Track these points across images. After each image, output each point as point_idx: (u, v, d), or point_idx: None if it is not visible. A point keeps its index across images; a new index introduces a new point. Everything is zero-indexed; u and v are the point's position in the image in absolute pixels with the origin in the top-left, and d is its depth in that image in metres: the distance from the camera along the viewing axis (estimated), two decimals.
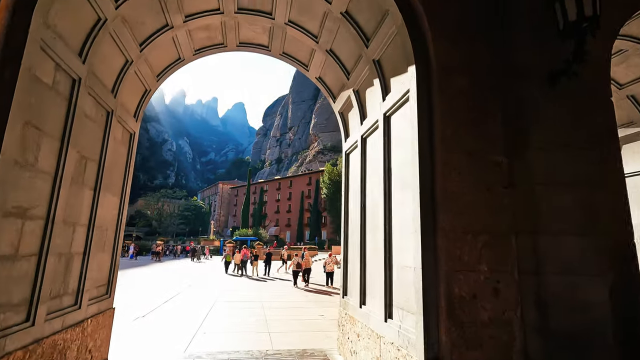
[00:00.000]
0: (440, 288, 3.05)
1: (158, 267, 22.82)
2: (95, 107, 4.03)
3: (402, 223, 3.69)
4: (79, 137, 3.64)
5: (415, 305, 3.16)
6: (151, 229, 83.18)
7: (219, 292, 11.97)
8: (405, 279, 3.47)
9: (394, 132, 4.10)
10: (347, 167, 6.08)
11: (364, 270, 4.79)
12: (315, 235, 66.10)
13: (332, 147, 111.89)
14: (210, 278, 17.09)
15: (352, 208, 5.62)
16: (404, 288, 3.49)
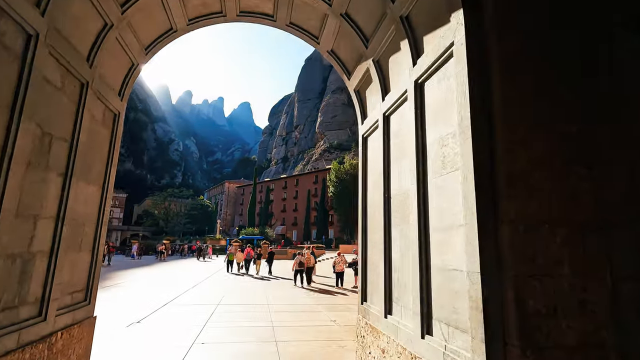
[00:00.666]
0: (506, 299, 2.26)
1: (161, 268, 22.26)
2: (62, 73, 3.30)
3: (443, 214, 2.90)
4: (39, 107, 2.92)
5: (469, 321, 2.38)
6: (158, 229, 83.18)
7: (222, 293, 11.29)
8: (451, 285, 2.69)
9: (430, 101, 3.30)
10: (365, 152, 5.31)
11: (389, 272, 4.01)
12: (322, 234, 65.40)
13: (338, 145, 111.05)
14: (213, 278, 16.44)
15: (373, 200, 4.84)
16: (449, 297, 2.71)
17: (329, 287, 14.22)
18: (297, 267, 14.52)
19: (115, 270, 17.97)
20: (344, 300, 10.62)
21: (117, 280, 13.82)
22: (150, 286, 12.55)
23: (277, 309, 8.74)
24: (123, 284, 12.97)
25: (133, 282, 13.85)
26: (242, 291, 12.09)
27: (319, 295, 11.51)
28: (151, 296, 10.26)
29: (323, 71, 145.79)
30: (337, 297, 11.22)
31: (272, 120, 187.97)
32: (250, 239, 47.82)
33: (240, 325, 6.91)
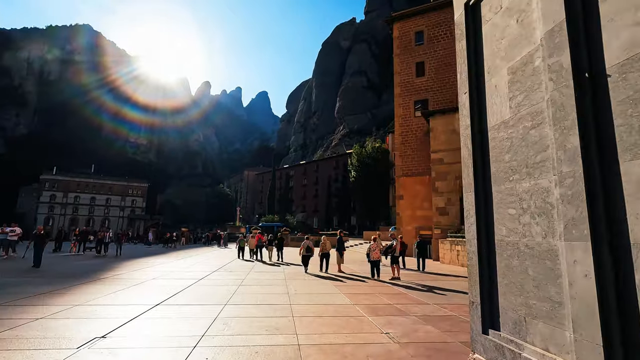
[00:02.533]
0: None
1: (172, 256, 20.49)
2: None
3: None
4: None
5: None
6: (179, 217, 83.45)
7: (233, 287, 9.04)
8: None
9: None
10: (477, 38, 2.66)
11: None
12: (344, 221, 63.02)
13: (358, 130, 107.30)
14: (227, 268, 14.32)
15: (497, 125, 2.21)
16: None
17: (360, 278, 11.75)
18: (304, 252, 13.46)
19: (123, 260, 16.18)
20: (387, 298, 8.10)
21: (118, 271, 11.88)
22: (151, 278, 10.47)
23: (304, 312, 6.37)
24: (120, 275, 10.99)
25: (135, 272, 11.87)
26: (256, 284, 9.81)
27: (352, 291, 9.03)
28: (145, 291, 8.14)
29: (341, 55, 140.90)
30: (376, 295, 8.70)
31: (290, 107, 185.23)
32: (270, 227, 46.06)
33: (253, 344, 4.53)
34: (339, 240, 13.97)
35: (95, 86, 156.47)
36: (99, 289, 8.21)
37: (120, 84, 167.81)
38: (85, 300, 6.92)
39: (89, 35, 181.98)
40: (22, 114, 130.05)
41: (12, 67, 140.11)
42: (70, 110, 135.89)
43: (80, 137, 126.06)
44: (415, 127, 27.86)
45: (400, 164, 27.97)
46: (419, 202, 26.62)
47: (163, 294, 7.76)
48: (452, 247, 19.18)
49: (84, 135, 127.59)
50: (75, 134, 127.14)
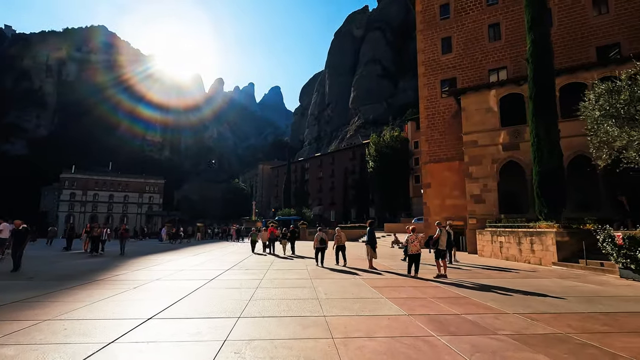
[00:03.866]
0: None
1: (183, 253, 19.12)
2: None
3: None
4: None
5: None
6: (196, 213, 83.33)
7: (249, 292, 7.36)
8: None
9: None
10: None
11: None
12: (363, 213, 61.00)
13: (374, 121, 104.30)
14: (243, 265, 12.72)
15: None
16: None
17: (397, 275, 9.89)
18: (318, 245, 12.70)
19: (128, 258, 14.79)
20: (447, 304, 6.22)
21: (119, 272, 10.43)
22: (154, 279, 8.93)
23: (344, 327, 4.60)
24: (120, 277, 9.52)
25: (137, 272, 10.40)
26: (277, 285, 8.10)
27: (396, 294, 7.19)
28: (140, 297, 6.56)
29: (354, 44, 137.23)
30: (431, 300, 6.82)
31: (304, 100, 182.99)
32: (287, 220, 44.60)
33: None
34: (369, 233, 12.09)
35: (111, 86, 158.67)
36: (86, 295, 6.68)
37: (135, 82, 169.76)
38: (59, 312, 5.35)
39: (105, 36, 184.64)
40: (43, 116, 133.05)
41: (31, 70, 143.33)
42: (87, 109, 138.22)
43: (98, 136, 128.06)
44: (442, 109, 25.53)
45: (427, 149, 25.74)
46: (448, 190, 24.42)
47: (161, 302, 6.14)
48: (493, 239, 17.01)
49: (101, 133, 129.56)
50: (93, 132, 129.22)
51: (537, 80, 15.08)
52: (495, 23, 24.22)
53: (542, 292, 7.56)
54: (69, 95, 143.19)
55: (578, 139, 17.23)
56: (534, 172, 15.35)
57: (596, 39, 20.95)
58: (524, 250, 14.68)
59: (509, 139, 19.98)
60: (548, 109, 14.85)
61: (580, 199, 17.68)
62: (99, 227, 16.25)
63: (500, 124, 20.36)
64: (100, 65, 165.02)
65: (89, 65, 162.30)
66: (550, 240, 13.46)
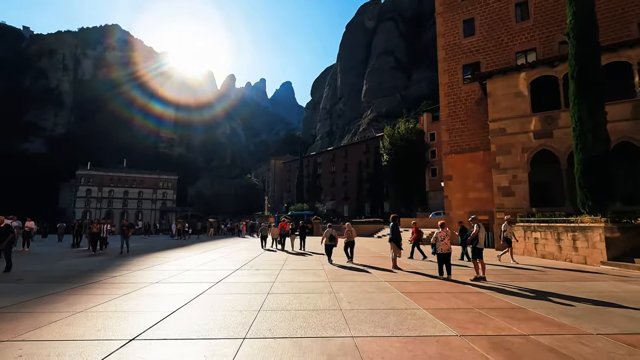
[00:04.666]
0: None
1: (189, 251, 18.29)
2: None
3: None
4: None
5: None
6: (209, 208, 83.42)
7: (258, 299, 6.27)
8: None
9: None
10: None
11: None
12: (377, 208, 59.54)
13: (387, 113, 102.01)
14: (252, 264, 11.70)
15: None
16: None
17: (426, 277, 8.65)
18: (327, 241, 12.16)
19: (132, 257, 13.95)
20: (502, 318, 4.97)
21: (117, 272, 9.54)
22: (153, 282, 7.97)
23: (378, 355, 3.45)
24: (116, 279, 8.61)
25: (137, 273, 9.49)
26: (291, 290, 7.01)
27: (435, 304, 5.98)
28: (129, 307, 5.56)
29: (366, 36, 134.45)
30: (479, 312, 5.59)
31: (315, 94, 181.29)
32: (300, 215, 43.60)
33: None
34: (393, 228, 10.84)
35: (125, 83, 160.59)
36: (69, 304, 5.72)
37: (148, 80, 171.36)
38: (26, 329, 4.36)
39: (118, 35, 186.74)
40: (60, 114, 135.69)
41: (48, 70, 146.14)
42: (102, 107, 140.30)
43: (113, 133, 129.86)
44: (464, 96, 23.87)
45: (448, 139, 24.18)
46: (471, 182, 22.87)
47: (154, 314, 5.11)
48: (526, 235, 15.50)
49: (116, 130, 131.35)
50: (108, 130, 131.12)
51: (580, 57, 13.42)
52: (523, 2, 22.36)
53: (611, 300, 6.21)
54: (84, 93, 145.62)
55: (622, 124, 15.52)
56: (575, 160, 13.74)
57: (639, 14, 18.99)
58: (564, 248, 13.17)
59: (541, 126, 18.29)
60: (592, 88, 13.19)
61: (625, 190, 15.95)
62: (98, 223, 14.99)
63: (531, 109, 18.67)
64: (115, 64, 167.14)
65: (103, 64, 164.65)
66: (598, 237, 11.93)
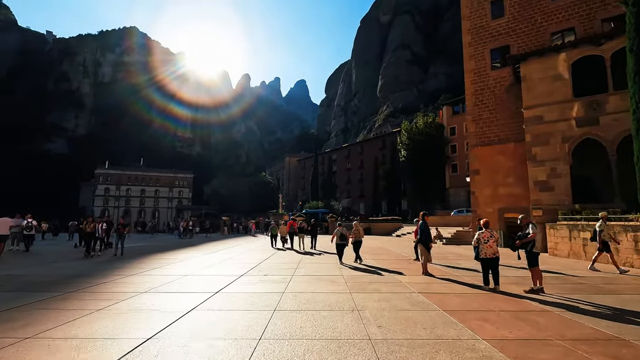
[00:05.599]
0: None
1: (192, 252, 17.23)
2: None
3: None
4: None
5: None
6: (224, 207, 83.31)
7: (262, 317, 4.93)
8: None
9: None
10: None
11: None
12: (395, 205, 57.59)
13: (403, 109, 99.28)
14: (260, 267, 10.42)
15: None
16: None
17: (467, 287, 7.12)
18: (338, 240, 11.48)
19: (131, 259, 12.89)
20: (603, 356, 3.42)
21: (106, 279, 8.42)
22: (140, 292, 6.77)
23: None
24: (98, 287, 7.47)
25: (128, 279, 8.35)
26: (304, 305, 5.65)
27: (497, 332, 4.48)
28: (94, 332, 4.34)
29: (381, 30, 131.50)
30: (563, 345, 4.04)
31: (329, 91, 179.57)
32: (315, 213, 42.30)
33: None
34: (422, 227, 9.30)
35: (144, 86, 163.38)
36: (19, 326, 4.53)
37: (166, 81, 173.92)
38: None
39: (137, 37, 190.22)
40: (81, 116, 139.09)
41: (70, 72, 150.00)
42: (121, 108, 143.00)
43: (132, 133, 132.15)
44: (492, 83, 21.90)
45: (474, 130, 22.28)
46: (501, 177, 20.94)
47: (116, 344, 3.84)
48: (572, 235, 13.61)
49: (134, 131, 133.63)
50: (127, 130, 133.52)
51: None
52: None
53: None
54: (104, 95, 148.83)
55: None
56: (636, 148, 11.78)
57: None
58: (622, 251, 11.30)
59: (584, 112, 16.28)
60: None
61: None
62: (93, 221, 13.27)
63: (572, 94, 16.67)
64: (134, 66, 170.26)
65: (122, 66, 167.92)
66: None
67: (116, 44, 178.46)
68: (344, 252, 11.58)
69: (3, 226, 13.16)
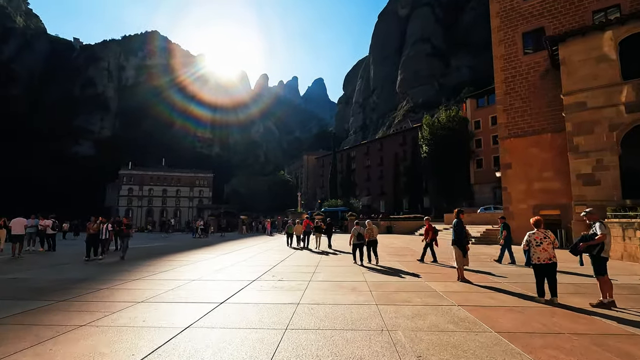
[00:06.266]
0: None
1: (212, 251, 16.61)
2: None
3: None
4: None
5: None
6: (244, 205, 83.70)
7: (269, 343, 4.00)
8: None
9: None
10: None
11: None
12: (417, 203, 55.73)
13: (424, 104, 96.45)
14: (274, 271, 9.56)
15: None
16: None
17: (513, 296, 5.95)
18: (355, 241, 11.02)
19: (138, 260, 12.32)
20: None
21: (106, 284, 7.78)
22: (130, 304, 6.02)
23: None
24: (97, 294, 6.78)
25: (129, 284, 7.65)
26: (322, 323, 4.68)
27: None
28: None
29: (399, 24, 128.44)
30: None
31: (347, 88, 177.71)
32: (334, 212, 41.29)
33: None
34: (457, 227, 8.11)
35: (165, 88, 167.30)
36: None
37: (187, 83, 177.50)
38: None
39: (159, 41, 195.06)
40: (106, 118, 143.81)
41: (96, 77, 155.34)
42: (144, 110, 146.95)
43: (154, 135, 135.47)
44: (525, 69, 20.19)
45: (505, 121, 20.64)
46: (535, 170, 19.26)
47: None
48: (626, 234, 11.97)
49: (156, 132, 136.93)
50: (150, 132, 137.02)
51: None
52: None
53: None
54: (128, 98, 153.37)
55: None
56: None
57: None
58: None
59: (635, 96, 14.50)
60: None
61: None
62: (96, 221, 12.04)
63: (621, 76, 14.89)
64: (155, 69, 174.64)
65: (144, 69, 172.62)
66: None
67: (139, 48, 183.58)
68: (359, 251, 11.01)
69: (19, 226, 13.26)
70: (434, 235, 11.59)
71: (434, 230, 11.76)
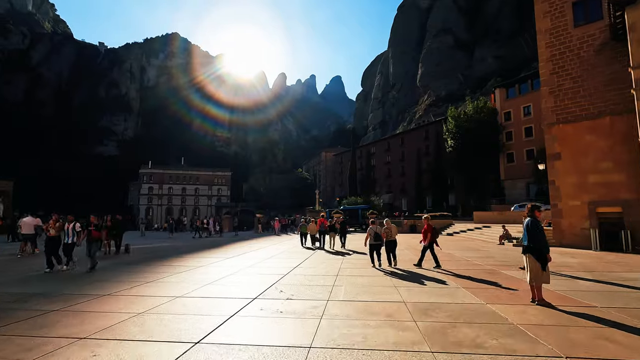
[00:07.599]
0: None
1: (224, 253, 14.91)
2: None
3: None
4: None
5: None
6: (262, 204, 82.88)
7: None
8: None
9: None
10: None
11: None
12: (442, 200, 52.68)
13: (447, 97, 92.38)
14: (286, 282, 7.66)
15: None
16: None
17: (620, 330, 3.79)
18: (372, 241, 10.00)
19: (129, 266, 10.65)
20: None
21: (68, 302, 6.07)
22: (96, 332, 4.23)
23: None
24: (32, 322, 5.00)
25: (76, 312, 5.92)
26: None
27: None
28: None
29: (420, 16, 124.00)
30: None
31: (366, 84, 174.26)
32: (354, 209, 39.17)
33: None
34: (533, 226, 5.86)
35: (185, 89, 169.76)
36: None
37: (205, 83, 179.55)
38: None
39: (179, 42, 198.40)
40: (129, 119, 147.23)
41: (119, 79, 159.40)
42: (164, 110, 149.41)
43: (174, 134, 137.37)
44: (576, 43, 17.38)
45: (552, 105, 17.89)
46: (591, 161, 16.49)
47: None
48: None
49: (176, 132, 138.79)
50: (170, 131, 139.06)
51: None
52: None
53: None
54: (149, 99, 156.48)
55: None
56: None
57: None
58: None
59: None
60: None
61: None
62: (58, 221, 9.54)
63: None
64: (176, 70, 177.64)
65: (165, 70, 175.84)
66: None
67: (160, 49, 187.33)
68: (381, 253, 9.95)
69: (28, 226, 13.38)
70: (433, 236, 9.85)
71: (434, 231, 9.95)
